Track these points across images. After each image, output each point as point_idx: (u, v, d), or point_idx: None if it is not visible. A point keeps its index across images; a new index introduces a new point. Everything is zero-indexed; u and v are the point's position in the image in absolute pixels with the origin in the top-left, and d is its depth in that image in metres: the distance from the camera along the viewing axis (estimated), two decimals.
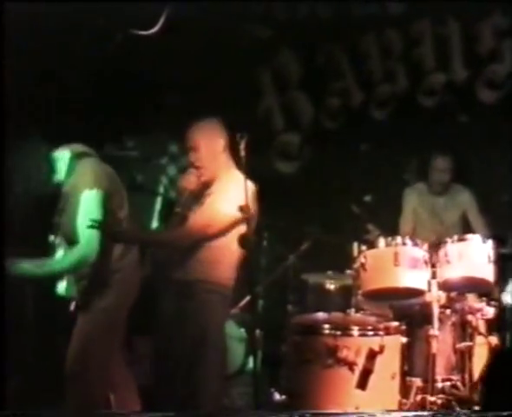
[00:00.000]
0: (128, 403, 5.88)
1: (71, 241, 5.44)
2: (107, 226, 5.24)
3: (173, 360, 5.45)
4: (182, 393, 5.40)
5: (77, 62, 7.14)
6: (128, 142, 7.07)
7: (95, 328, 5.54)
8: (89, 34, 7.22)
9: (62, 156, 5.56)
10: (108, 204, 5.46)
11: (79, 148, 5.58)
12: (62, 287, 5.64)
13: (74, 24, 7.10)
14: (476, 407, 6.13)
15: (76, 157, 5.56)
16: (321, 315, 6.34)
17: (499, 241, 6.24)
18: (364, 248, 6.17)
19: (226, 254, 5.31)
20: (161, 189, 6.67)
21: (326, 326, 6.01)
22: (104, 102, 6.54)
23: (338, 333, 5.94)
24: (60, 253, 5.58)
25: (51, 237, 5.63)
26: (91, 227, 5.35)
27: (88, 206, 5.40)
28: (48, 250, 5.65)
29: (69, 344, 5.56)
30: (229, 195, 5.26)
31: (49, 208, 5.63)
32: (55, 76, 6.85)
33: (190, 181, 5.51)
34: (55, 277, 5.65)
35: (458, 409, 5.93)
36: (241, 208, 5.02)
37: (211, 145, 5.44)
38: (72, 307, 5.67)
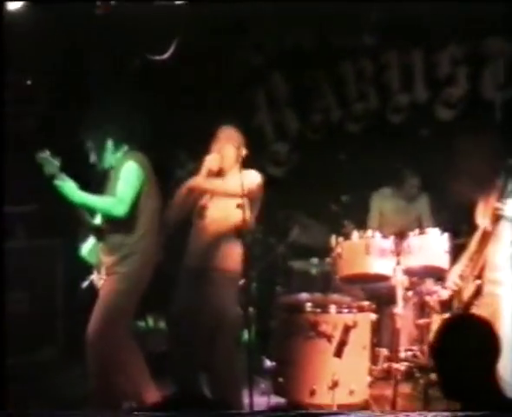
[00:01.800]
0: (141, 372, 5.83)
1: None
2: None
3: (193, 338, 5.48)
4: (201, 364, 5.46)
5: (96, 78, 7.17)
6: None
7: (118, 291, 5.61)
8: (108, 59, 7.27)
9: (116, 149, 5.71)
10: (143, 183, 5.60)
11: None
12: (86, 248, 5.79)
13: (94, 51, 7.17)
14: (433, 374, 5.95)
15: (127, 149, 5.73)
16: (304, 296, 6.39)
17: (454, 234, 6.21)
18: (340, 239, 6.19)
19: (232, 245, 5.39)
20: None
21: (309, 304, 6.04)
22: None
23: (319, 310, 5.98)
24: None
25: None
26: None
27: (128, 173, 5.56)
28: None
29: (94, 308, 5.62)
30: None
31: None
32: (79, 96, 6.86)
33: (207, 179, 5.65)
34: (83, 208, 5.68)
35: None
36: (238, 206, 5.14)
37: (233, 151, 5.64)
38: (94, 276, 5.76)
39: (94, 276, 5.76)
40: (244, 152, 5.65)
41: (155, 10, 6.11)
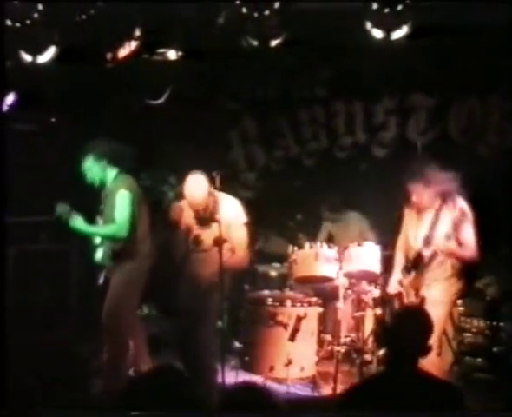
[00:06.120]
0: (141, 348, 5.86)
1: (109, 222, 5.56)
2: None
3: (185, 324, 5.37)
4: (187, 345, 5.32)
5: (111, 113, 7.16)
6: (142, 174, 6.71)
7: (124, 285, 5.61)
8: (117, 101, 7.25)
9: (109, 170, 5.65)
10: (135, 204, 5.55)
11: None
12: (99, 255, 5.74)
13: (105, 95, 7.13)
14: (367, 355, 6.25)
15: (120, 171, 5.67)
16: (266, 292, 6.48)
17: (384, 246, 6.18)
18: (295, 248, 6.27)
19: (213, 256, 5.21)
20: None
21: (270, 299, 6.13)
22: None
23: (277, 304, 6.08)
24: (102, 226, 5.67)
25: (98, 219, 5.69)
26: None
27: (121, 200, 5.51)
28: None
29: (105, 299, 5.59)
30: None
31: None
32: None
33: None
34: (92, 237, 5.67)
35: None
36: (195, 238, 5.13)
37: (207, 197, 5.21)
38: (105, 273, 5.69)
39: (104, 274, 5.74)
40: (213, 189, 5.22)
41: (154, 64, 6.03)
